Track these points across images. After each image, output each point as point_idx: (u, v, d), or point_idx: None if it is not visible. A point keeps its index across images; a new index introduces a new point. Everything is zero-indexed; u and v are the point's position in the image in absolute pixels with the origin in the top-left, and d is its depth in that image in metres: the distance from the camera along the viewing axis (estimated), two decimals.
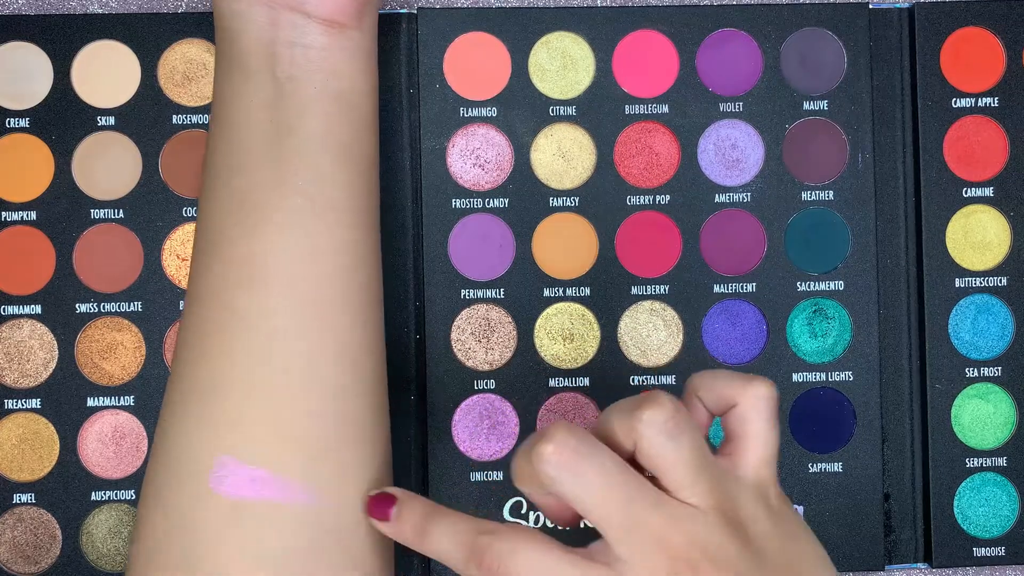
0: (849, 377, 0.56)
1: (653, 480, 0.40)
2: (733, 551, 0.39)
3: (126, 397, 0.54)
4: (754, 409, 0.41)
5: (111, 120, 0.55)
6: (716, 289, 0.56)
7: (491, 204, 0.56)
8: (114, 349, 0.54)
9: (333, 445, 0.45)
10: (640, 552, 0.38)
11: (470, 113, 0.55)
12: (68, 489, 0.54)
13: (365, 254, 0.47)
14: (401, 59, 0.55)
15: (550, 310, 0.56)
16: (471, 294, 0.55)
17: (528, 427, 0.55)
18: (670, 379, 0.56)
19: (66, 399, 0.54)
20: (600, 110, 0.56)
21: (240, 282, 0.45)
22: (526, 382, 0.55)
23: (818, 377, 0.56)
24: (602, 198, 0.56)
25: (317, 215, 0.46)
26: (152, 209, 0.55)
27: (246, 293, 0.45)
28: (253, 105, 0.46)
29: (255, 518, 0.43)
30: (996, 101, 0.57)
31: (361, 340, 0.47)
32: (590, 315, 0.56)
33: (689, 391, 0.44)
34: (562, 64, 0.56)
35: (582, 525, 0.43)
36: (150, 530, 0.45)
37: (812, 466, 0.56)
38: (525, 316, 0.55)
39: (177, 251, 0.55)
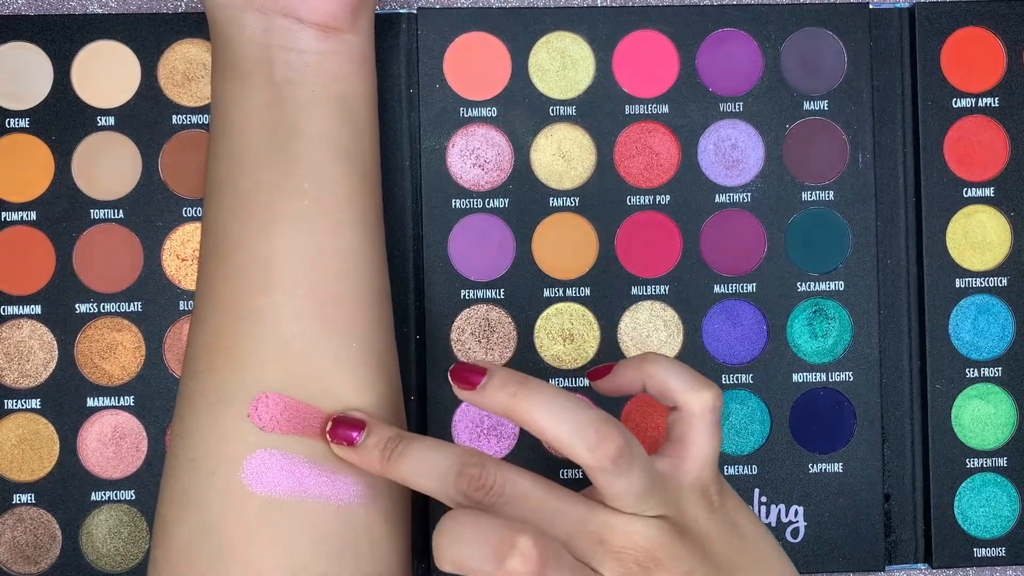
0: (849, 377, 0.56)
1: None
2: (680, 551, 0.41)
3: (126, 397, 0.54)
4: (700, 418, 0.44)
5: (111, 120, 0.55)
6: (716, 289, 0.56)
7: (491, 204, 0.55)
8: (114, 349, 0.54)
9: None
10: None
11: (470, 113, 0.55)
12: (68, 489, 0.54)
13: (372, 254, 0.48)
14: (401, 59, 0.55)
15: (550, 310, 0.56)
16: (471, 294, 0.55)
17: None
18: None
19: (66, 399, 0.54)
20: (600, 110, 0.56)
21: (256, 285, 0.45)
22: None
23: (818, 377, 0.56)
24: (602, 198, 0.56)
25: (324, 216, 0.46)
26: (152, 209, 0.55)
27: (265, 297, 0.45)
28: (252, 108, 0.46)
29: (288, 517, 0.43)
30: (996, 101, 0.57)
31: (378, 340, 0.47)
32: (590, 315, 0.56)
33: (637, 367, 0.45)
34: (562, 64, 0.56)
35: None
36: (179, 529, 0.44)
37: (812, 466, 0.56)
38: (525, 316, 0.55)
39: (177, 251, 0.55)
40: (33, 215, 0.54)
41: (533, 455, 0.55)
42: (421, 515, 0.55)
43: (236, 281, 0.46)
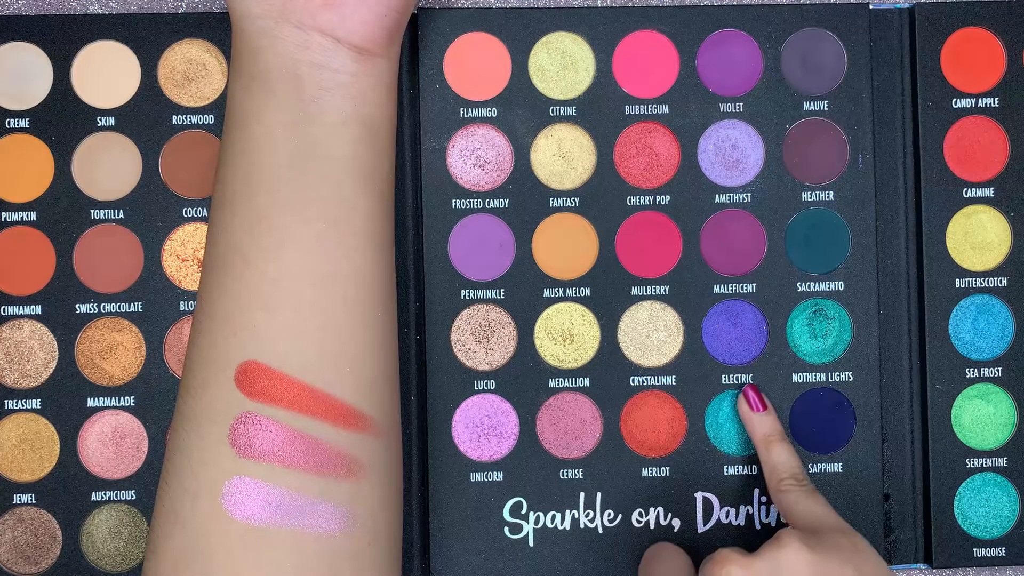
0: (849, 377, 0.56)
1: None
2: None
3: (126, 397, 0.54)
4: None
5: (111, 120, 0.55)
6: (716, 289, 0.56)
7: (491, 204, 0.55)
8: (114, 349, 0.54)
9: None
10: None
11: (470, 113, 0.55)
12: (68, 489, 0.54)
13: (382, 278, 0.47)
14: (401, 59, 0.55)
15: (550, 310, 0.56)
16: (471, 294, 0.55)
17: (528, 427, 0.55)
18: (670, 379, 0.56)
19: (66, 399, 0.54)
20: (600, 110, 0.56)
21: (259, 304, 0.45)
22: (526, 382, 0.55)
23: (818, 377, 0.56)
24: (602, 198, 0.56)
25: (339, 240, 0.45)
26: (152, 209, 0.55)
27: (265, 315, 0.45)
28: (276, 124, 0.45)
29: (272, 544, 0.43)
30: (996, 101, 0.57)
31: (375, 365, 0.47)
32: (590, 315, 0.56)
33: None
34: (562, 64, 0.56)
35: None
36: (168, 546, 0.44)
37: (812, 466, 0.56)
38: (525, 316, 0.55)
39: (177, 251, 0.55)
40: (33, 215, 0.54)
41: (533, 456, 0.55)
42: (421, 517, 0.55)
43: (239, 297, 0.45)
